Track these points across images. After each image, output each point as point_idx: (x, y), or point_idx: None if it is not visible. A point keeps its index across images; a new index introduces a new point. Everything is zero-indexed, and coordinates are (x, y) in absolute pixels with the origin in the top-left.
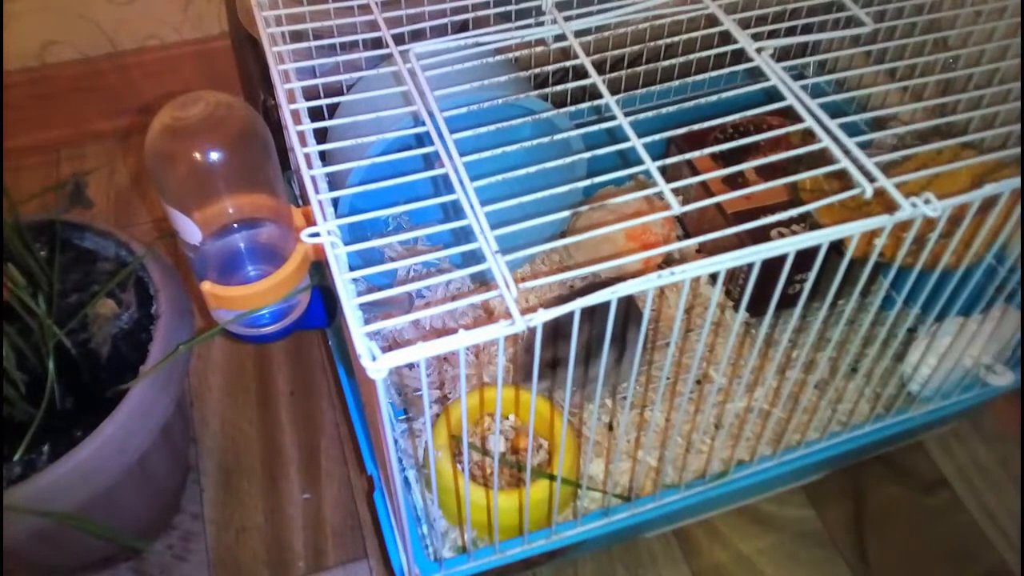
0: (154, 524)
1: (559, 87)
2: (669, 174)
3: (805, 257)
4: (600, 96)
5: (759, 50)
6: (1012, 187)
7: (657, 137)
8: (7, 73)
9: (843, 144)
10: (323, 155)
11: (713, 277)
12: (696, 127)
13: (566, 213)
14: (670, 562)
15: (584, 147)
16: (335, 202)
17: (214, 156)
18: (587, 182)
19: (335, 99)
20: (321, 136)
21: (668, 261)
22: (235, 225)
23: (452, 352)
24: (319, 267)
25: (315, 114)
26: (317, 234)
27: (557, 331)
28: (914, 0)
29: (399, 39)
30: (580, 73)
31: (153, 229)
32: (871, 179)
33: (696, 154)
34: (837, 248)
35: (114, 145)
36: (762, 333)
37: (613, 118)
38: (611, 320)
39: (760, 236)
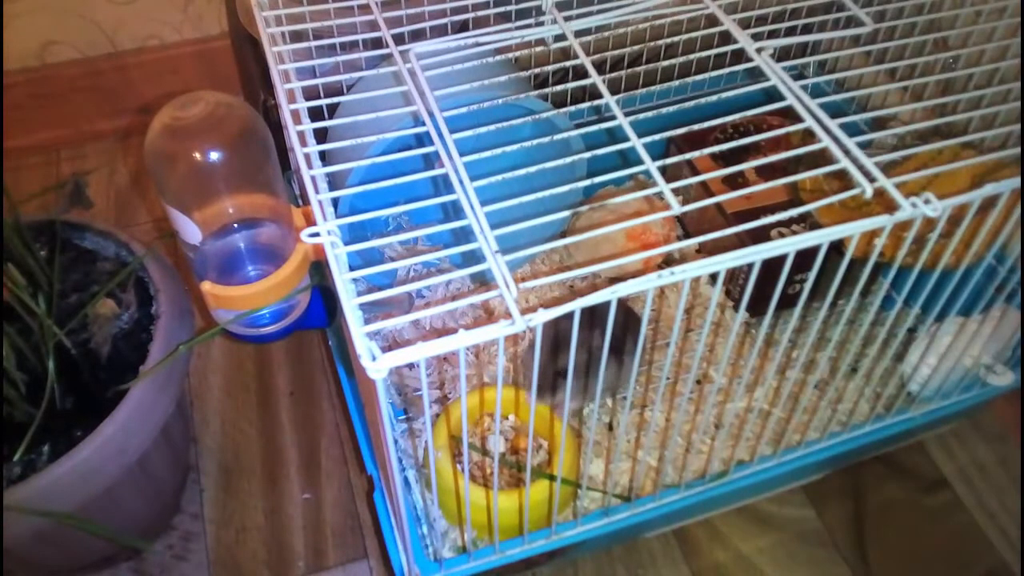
0: (154, 524)
1: (559, 87)
2: (669, 174)
3: (805, 257)
4: (600, 96)
5: (759, 50)
6: (1012, 187)
7: (657, 137)
8: (7, 73)
9: (843, 144)
10: (323, 155)
11: (713, 277)
12: (696, 127)
13: (566, 213)
14: (670, 562)
15: (584, 147)
16: (335, 202)
17: (214, 156)
18: (587, 182)
19: (335, 99)
20: (321, 136)
21: (668, 261)
22: (235, 225)
23: (452, 352)
24: (319, 267)
25: (315, 114)
26: (317, 234)
27: (559, 342)
28: (914, 0)
29: (399, 39)
30: (580, 73)
31: (153, 229)
32: (871, 179)
33: (696, 154)
34: (837, 248)
35: (114, 145)
36: (762, 333)
37: (613, 118)
38: (611, 321)
39: (760, 236)
